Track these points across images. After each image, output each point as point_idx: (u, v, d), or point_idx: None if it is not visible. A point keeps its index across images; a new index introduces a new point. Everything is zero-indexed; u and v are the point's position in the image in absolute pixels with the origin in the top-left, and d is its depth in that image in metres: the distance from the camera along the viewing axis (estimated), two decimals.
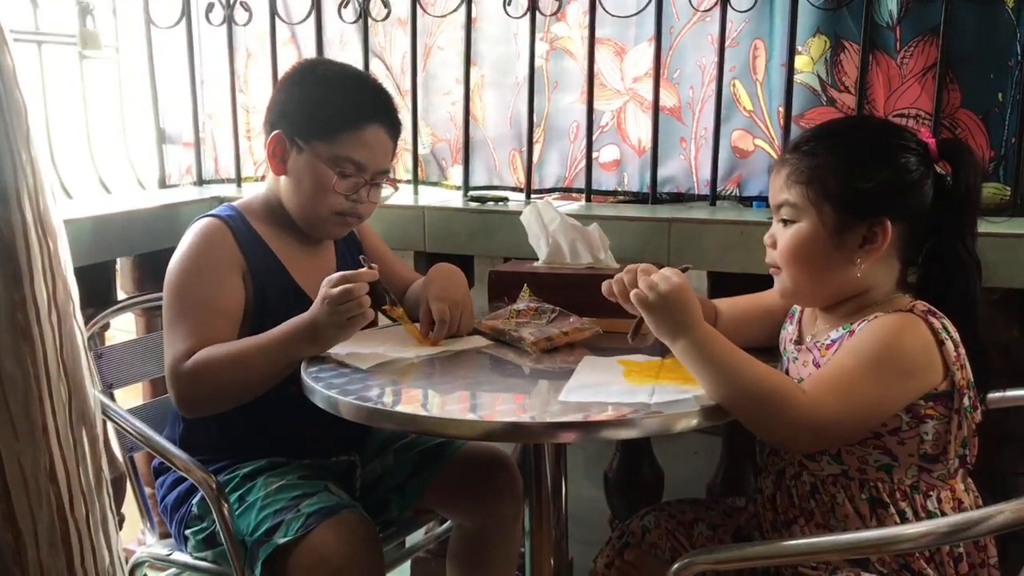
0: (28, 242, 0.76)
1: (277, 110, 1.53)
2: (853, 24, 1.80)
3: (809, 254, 1.21)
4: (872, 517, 1.19)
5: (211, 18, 2.25)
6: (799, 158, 1.21)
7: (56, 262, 0.79)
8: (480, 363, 1.41)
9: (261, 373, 1.38)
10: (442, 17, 2.13)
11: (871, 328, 1.17)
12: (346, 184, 1.49)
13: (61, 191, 2.18)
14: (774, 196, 1.25)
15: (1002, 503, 1.00)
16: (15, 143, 0.76)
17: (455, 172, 2.22)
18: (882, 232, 1.17)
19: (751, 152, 1.95)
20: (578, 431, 1.14)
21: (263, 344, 1.38)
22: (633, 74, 2.02)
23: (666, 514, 1.41)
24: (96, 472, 0.84)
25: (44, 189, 0.78)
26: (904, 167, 1.18)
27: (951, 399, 1.16)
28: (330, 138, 1.48)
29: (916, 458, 1.18)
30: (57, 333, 0.79)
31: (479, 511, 1.64)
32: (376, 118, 1.51)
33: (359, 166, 1.49)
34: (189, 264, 1.46)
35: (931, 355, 1.14)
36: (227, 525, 1.37)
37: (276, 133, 1.50)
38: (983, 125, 1.77)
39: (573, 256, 1.68)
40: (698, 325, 1.16)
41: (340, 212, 1.51)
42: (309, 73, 1.54)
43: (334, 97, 1.49)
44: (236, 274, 1.48)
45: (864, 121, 1.54)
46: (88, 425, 0.83)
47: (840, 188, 1.18)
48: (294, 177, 1.51)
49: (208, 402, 1.42)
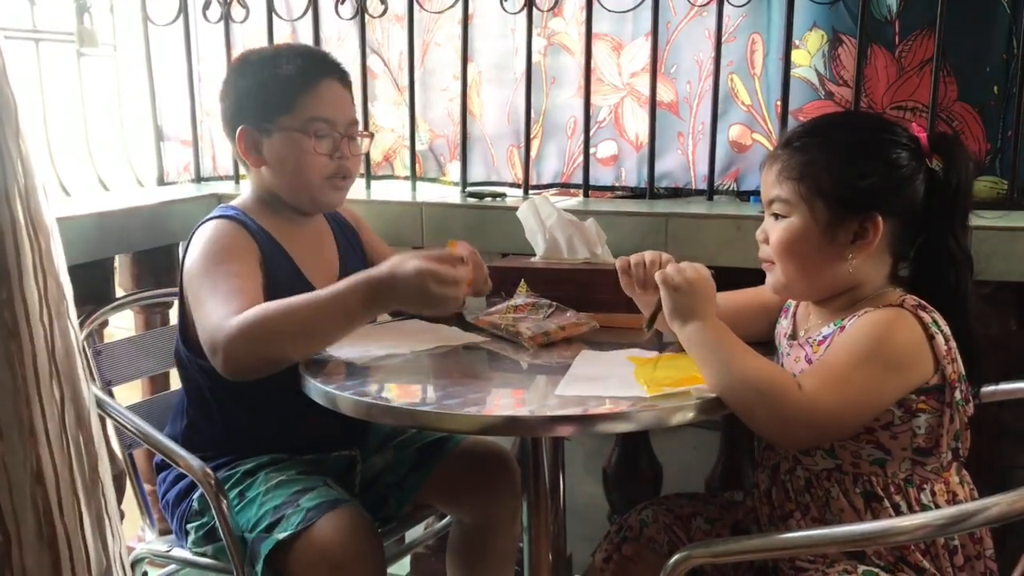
0: (18, 240, 0.75)
1: (232, 110, 1.55)
2: (850, 18, 1.80)
3: (801, 249, 1.21)
4: (867, 511, 1.19)
5: (208, 15, 2.25)
6: (790, 154, 1.22)
7: (48, 260, 0.78)
8: (477, 358, 1.41)
9: (316, 327, 1.32)
10: (439, 13, 2.13)
11: (860, 324, 1.17)
12: (324, 144, 1.51)
13: (59, 189, 2.18)
14: (766, 191, 1.25)
15: (997, 495, 1.01)
16: (4, 140, 0.75)
17: (453, 168, 2.22)
18: (873, 227, 1.18)
19: (749, 146, 1.94)
20: (575, 424, 1.14)
21: (316, 298, 1.32)
22: (630, 69, 2.02)
23: (664, 508, 1.42)
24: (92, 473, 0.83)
25: (36, 187, 0.77)
26: (895, 162, 1.18)
27: (942, 393, 1.17)
28: (291, 107, 1.50)
29: (909, 452, 1.18)
30: (49, 332, 0.78)
31: (478, 506, 1.65)
32: (325, 73, 1.54)
33: (329, 121, 1.51)
34: (210, 250, 1.44)
35: (921, 349, 1.15)
36: (226, 521, 1.37)
37: (241, 129, 1.52)
38: (979, 118, 1.76)
39: (570, 251, 1.68)
40: (711, 316, 1.22)
41: (329, 175, 1.53)
42: (244, 64, 1.57)
43: (279, 71, 1.51)
44: (255, 261, 1.47)
45: (855, 116, 1.55)
46: (83, 426, 0.82)
47: (832, 184, 1.18)
48: (274, 160, 1.52)
49: (260, 358, 1.32)
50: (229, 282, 1.38)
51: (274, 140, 1.51)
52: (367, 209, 2.05)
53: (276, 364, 1.32)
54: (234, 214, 1.51)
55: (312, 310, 1.31)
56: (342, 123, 1.54)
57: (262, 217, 1.54)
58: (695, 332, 1.20)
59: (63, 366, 0.79)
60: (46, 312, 0.78)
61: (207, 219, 1.52)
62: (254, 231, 1.50)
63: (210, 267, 1.42)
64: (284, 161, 1.52)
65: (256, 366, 1.32)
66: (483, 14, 2.10)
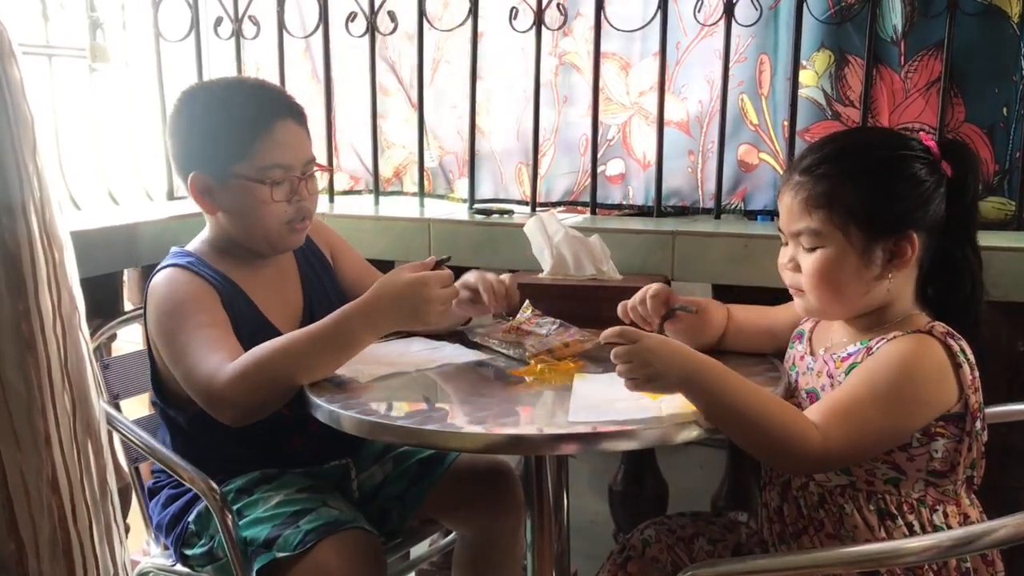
0: (34, 253, 0.76)
1: (182, 154, 1.49)
2: (857, 38, 1.81)
3: (839, 277, 1.20)
4: (881, 528, 1.19)
5: (220, 32, 2.27)
6: (814, 181, 1.19)
7: (61, 273, 0.79)
8: (481, 375, 1.41)
9: (319, 361, 1.32)
10: (448, 31, 2.15)
11: (887, 352, 1.16)
12: (281, 190, 1.45)
13: (70, 202, 2.19)
14: (791, 222, 1.23)
15: (1005, 517, 1.01)
16: (22, 155, 0.76)
17: (461, 185, 2.23)
18: (910, 245, 1.17)
19: (756, 166, 1.95)
20: (579, 443, 1.13)
21: (318, 332, 1.32)
22: (639, 88, 2.03)
23: (666, 528, 1.41)
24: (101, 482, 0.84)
25: (51, 201, 0.78)
26: (919, 177, 1.18)
27: (963, 421, 1.16)
28: (245, 155, 1.43)
29: (924, 473, 1.18)
30: (61, 344, 0.79)
31: (479, 519, 1.64)
32: (278, 114, 1.46)
33: (285, 167, 1.45)
34: (171, 305, 1.41)
35: (946, 379, 1.15)
36: (231, 537, 1.36)
37: (193, 175, 1.46)
38: (988, 139, 1.77)
39: (577, 268, 1.69)
40: (687, 367, 1.13)
41: (287, 220, 1.47)
42: (193, 103, 1.49)
43: (230, 114, 1.44)
44: (218, 304, 1.43)
45: (869, 135, 1.54)
46: (93, 436, 0.83)
47: (864, 208, 1.17)
48: (230, 208, 1.47)
49: (264, 401, 1.32)
50: (203, 333, 1.36)
51: (228, 189, 1.45)
52: (375, 225, 2.06)
53: (280, 401, 1.33)
54: (186, 263, 1.47)
55: (310, 343, 1.31)
56: (299, 165, 1.47)
57: (219, 260, 1.50)
58: (685, 390, 1.14)
59: (75, 377, 0.80)
60: (59, 324, 0.79)
61: (161, 267, 1.48)
62: (209, 277, 1.45)
63: (178, 324, 1.39)
64: (239, 209, 1.46)
65: (261, 409, 1.33)
66: (494, 32, 2.11)
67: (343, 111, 2.34)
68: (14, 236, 0.75)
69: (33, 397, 0.77)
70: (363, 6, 2.13)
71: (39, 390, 0.77)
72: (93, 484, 0.82)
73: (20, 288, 0.76)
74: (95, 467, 0.82)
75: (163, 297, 1.42)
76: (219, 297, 1.44)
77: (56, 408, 0.78)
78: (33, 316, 0.76)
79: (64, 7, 2.21)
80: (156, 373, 1.51)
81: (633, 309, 1.38)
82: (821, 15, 1.81)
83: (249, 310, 1.49)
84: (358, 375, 1.35)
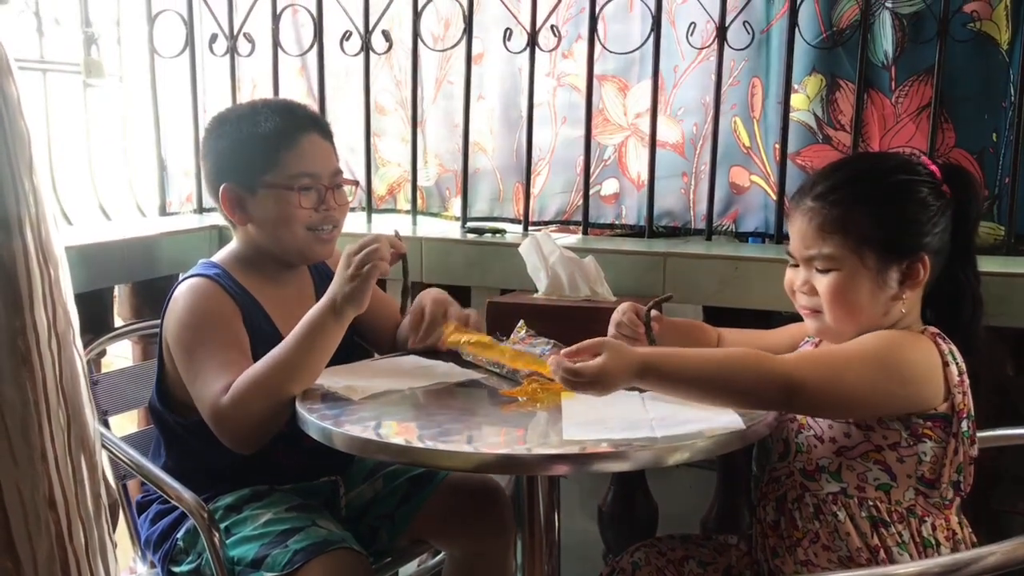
0: (29, 269, 0.76)
1: (213, 171, 1.55)
2: (849, 63, 1.83)
3: (855, 299, 1.22)
4: (873, 534, 1.20)
5: (214, 49, 2.28)
6: (828, 207, 1.22)
7: (57, 289, 0.79)
8: (474, 395, 1.41)
9: (300, 363, 1.36)
10: (443, 51, 2.16)
11: (879, 333, 1.20)
12: (309, 197, 1.51)
13: (62, 217, 2.19)
14: (805, 247, 1.24)
15: (995, 544, 1.01)
16: (18, 171, 0.76)
17: (456, 203, 2.24)
18: (922, 266, 1.20)
19: (747, 188, 1.96)
20: (571, 464, 1.13)
21: (293, 337, 1.37)
22: (635, 110, 2.05)
23: (656, 551, 1.41)
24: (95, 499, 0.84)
25: (46, 217, 0.78)
26: (927, 200, 1.21)
27: (949, 423, 1.18)
28: (274, 165, 1.50)
29: (914, 480, 1.20)
30: (57, 360, 0.79)
31: (468, 539, 1.64)
32: (305, 127, 1.54)
33: (312, 175, 1.52)
34: (193, 319, 1.45)
35: (933, 372, 1.17)
36: (218, 556, 1.36)
37: (224, 187, 1.52)
38: (977, 165, 1.79)
39: (572, 288, 1.69)
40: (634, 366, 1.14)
41: (314, 227, 1.53)
42: (222, 125, 1.56)
43: (258, 129, 1.51)
44: (239, 321, 1.48)
45: (880, 161, 1.55)
46: (87, 452, 0.83)
47: (878, 232, 1.20)
48: (259, 217, 1.53)
49: (261, 421, 1.36)
50: (220, 354, 1.40)
51: (259, 197, 1.51)
52: None
53: (278, 419, 1.36)
54: (213, 273, 1.51)
55: (288, 348, 1.36)
56: (326, 175, 1.54)
57: (242, 275, 1.54)
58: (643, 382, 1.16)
59: (69, 393, 0.80)
60: (54, 340, 0.79)
61: (187, 276, 1.52)
62: (233, 291, 1.50)
63: (198, 340, 1.43)
64: (269, 218, 1.52)
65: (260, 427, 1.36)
66: (493, 53, 2.13)
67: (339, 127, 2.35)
68: (10, 252, 0.75)
69: (29, 413, 0.76)
70: (358, 25, 2.14)
71: (35, 406, 0.77)
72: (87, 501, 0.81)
73: (16, 304, 0.76)
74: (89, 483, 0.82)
75: (186, 309, 1.46)
76: (241, 315, 1.48)
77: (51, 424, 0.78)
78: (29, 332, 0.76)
79: (59, 22, 2.22)
80: (163, 376, 1.53)
81: (620, 327, 1.41)
82: (813, 39, 1.83)
83: (268, 328, 1.52)
84: (351, 393, 1.35)
